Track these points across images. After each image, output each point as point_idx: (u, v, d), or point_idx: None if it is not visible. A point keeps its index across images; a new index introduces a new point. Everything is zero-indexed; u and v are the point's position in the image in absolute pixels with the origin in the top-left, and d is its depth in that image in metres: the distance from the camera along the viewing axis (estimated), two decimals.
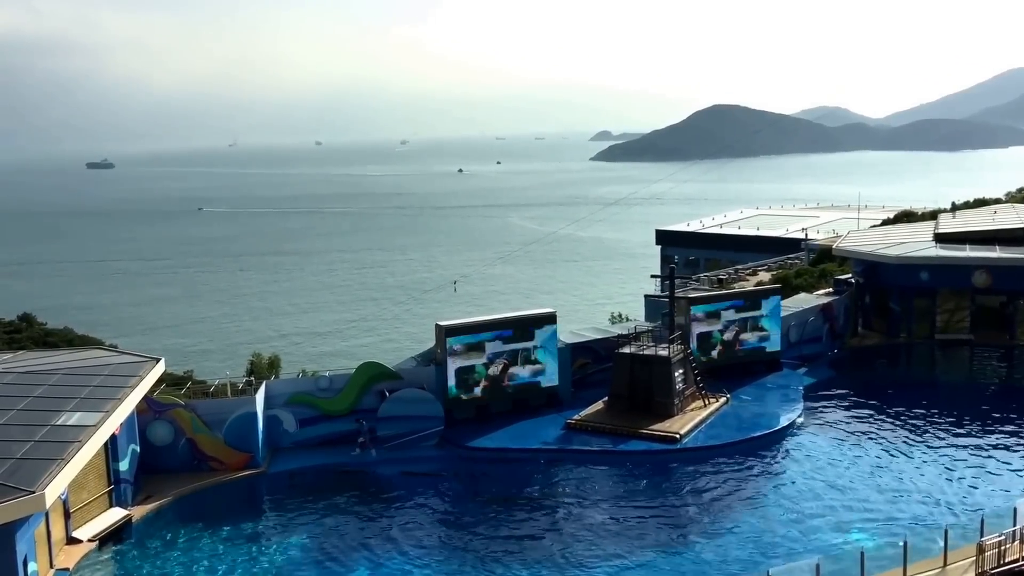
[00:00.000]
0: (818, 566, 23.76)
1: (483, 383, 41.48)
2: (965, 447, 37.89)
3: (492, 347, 41.61)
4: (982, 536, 25.14)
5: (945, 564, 25.28)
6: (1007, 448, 37.62)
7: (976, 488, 33.69)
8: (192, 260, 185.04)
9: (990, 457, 36.69)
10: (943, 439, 38.90)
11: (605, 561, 28.81)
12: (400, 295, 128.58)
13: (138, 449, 34.83)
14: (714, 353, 47.14)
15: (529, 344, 42.25)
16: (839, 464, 36.46)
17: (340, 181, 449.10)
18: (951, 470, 35.49)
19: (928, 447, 38.04)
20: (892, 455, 37.20)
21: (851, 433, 40.08)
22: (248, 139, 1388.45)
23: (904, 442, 38.69)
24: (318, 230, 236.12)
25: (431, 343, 43.00)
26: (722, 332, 47.42)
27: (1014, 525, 25.68)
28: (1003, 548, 24.88)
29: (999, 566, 24.22)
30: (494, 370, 41.66)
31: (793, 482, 34.90)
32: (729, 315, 47.53)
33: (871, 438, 39.31)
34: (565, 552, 29.68)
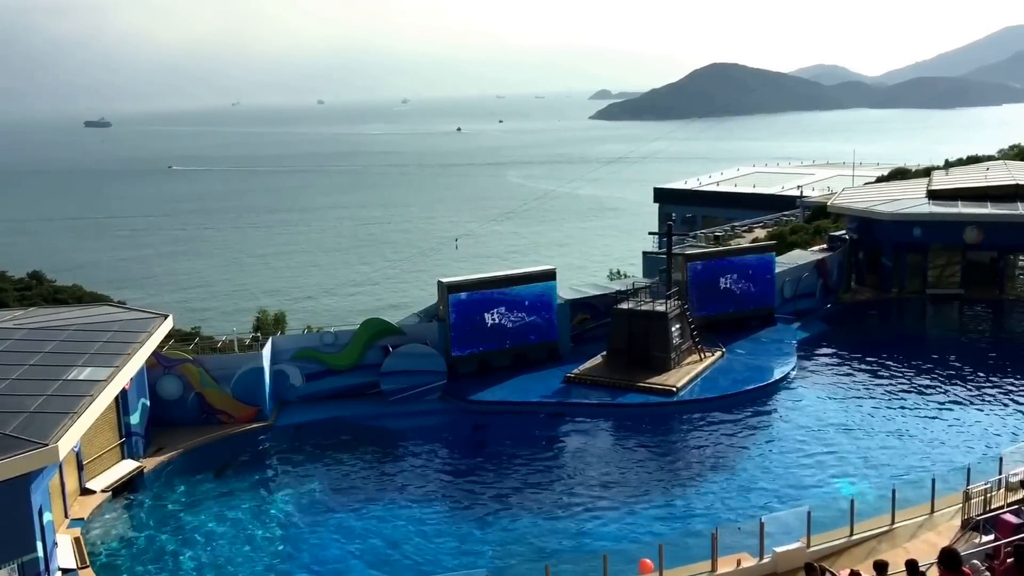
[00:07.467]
0: (809, 514, 24.34)
1: None
2: (954, 399, 38.64)
3: None
4: (968, 484, 25.64)
5: (932, 511, 25.85)
6: (994, 399, 38.39)
7: (963, 438, 34.44)
8: (195, 218, 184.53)
9: (978, 408, 37.44)
10: (933, 391, 39.65)
11: (602, 510, 29.52)
12: (403, 252, 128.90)
13: (148, 403, 35.60)
14: None
15: None
16: (830, 416, 37.18)
17: (342, 140, 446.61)
18: (940, 421, 36.24)
19: (918, 399, 38.77)
20: (882, 407, 37.93)
21: (842, 386, 40.88)
22: (251, 98, 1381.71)
23: (894, 394, 39.44)
24: (320, 188, 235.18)
25: (433, 300, 43.75)
26: None
27: (999, 474, 26.17)
28: (988, 496, 25.38)
29: (984, 513, 24.78)
30: None
31: (785, 433, 35.62)
32: None
33: (862, 390, 40.07)
34: (564, 501, 30.41)
